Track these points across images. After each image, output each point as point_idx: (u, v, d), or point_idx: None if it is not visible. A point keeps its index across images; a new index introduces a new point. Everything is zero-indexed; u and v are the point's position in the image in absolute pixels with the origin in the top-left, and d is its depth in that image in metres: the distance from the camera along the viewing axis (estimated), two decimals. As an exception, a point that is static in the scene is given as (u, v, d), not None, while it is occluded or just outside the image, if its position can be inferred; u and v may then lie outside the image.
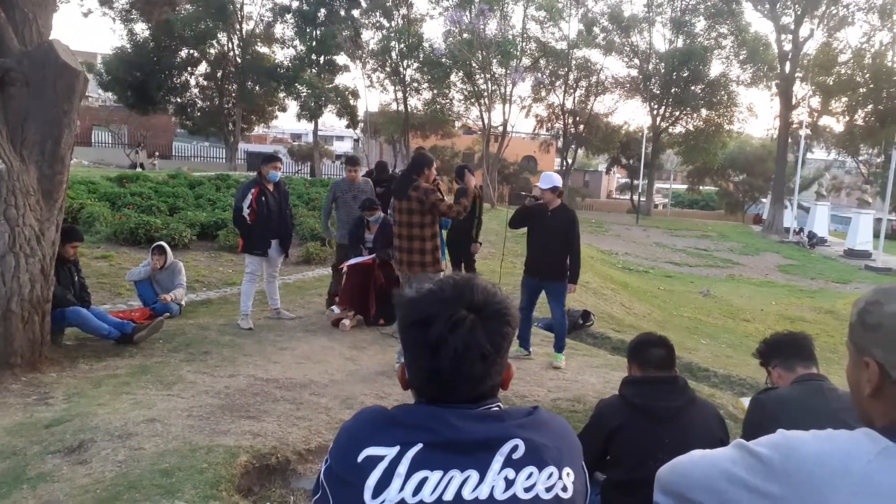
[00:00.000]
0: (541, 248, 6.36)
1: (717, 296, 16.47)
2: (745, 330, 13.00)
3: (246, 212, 7.08)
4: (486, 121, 36.68)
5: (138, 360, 5.74)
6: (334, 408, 4.78)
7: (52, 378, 5.17)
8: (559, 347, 6.61)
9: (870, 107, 34.19)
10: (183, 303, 7.75)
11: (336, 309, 7.74)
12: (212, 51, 38.57)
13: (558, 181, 6.43)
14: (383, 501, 1.15)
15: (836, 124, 38.42)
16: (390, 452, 1.18)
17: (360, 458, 1.18)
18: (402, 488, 1.15)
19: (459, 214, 5.98)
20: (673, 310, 14.06)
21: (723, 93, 39.15)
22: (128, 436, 3.94)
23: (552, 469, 1.21)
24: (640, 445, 2.74)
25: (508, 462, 1.19)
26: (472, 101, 37.53)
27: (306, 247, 11.82)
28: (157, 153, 40.37)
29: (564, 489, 1.22)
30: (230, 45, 38.61)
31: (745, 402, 3.32)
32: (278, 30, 39.57)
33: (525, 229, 6.60)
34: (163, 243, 7.94)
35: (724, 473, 1.23)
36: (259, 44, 39.49)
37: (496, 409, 1.27)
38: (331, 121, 48.04)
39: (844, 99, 35.07)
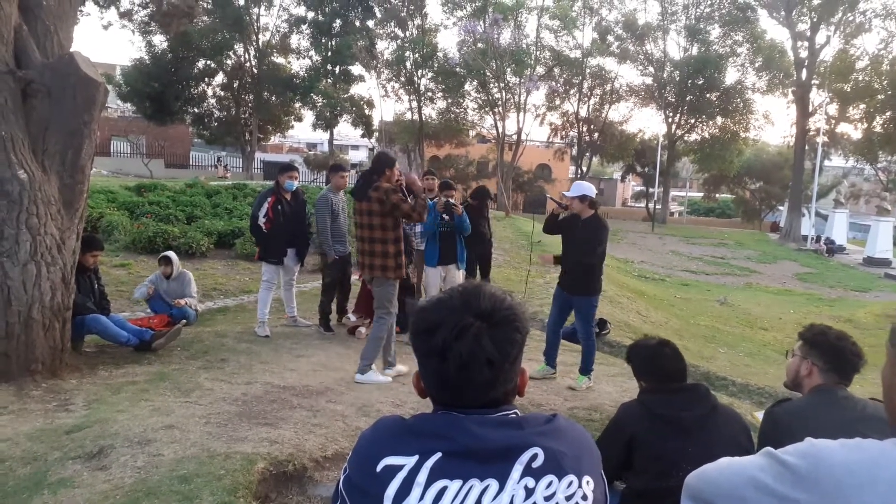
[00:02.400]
0: (570, 260, 6.07)
1: (734, 304, 16.37)
2: (763, 339, 12.91)
3: (262, 220, 7.15)
4: (500, 129, 36.79)
5: (157, 368, 5.78)
6: (351, 415, 4.79)
7: (72, 384, 5.22)
8: (584, 370, 6.16)
9: (888, 113, 33.96)
10: (198, 309, 7.82)
11: (352, 317, 7.77)
12: (228, 62, 38.94)
13: (589, 190, 6.00)
14: None
15: (853, 131, 38.20)
16: (409, 462, 1.18)
17: (378, 468, 1.19)
18: (421, 497, 1.15)
19: (422, 216, 5.80)
20: (690, 318, 13.98)
21: (738, 100, 39.07)
22: (147, 442, 3.97)
23: (572, 478, 1.21)
24: (663, 455, 2.70)
25: (528, 471, 1.19)
26: (487, 109, 37.68)
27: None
28: (228, 166, 40.73)
29: (584, 497, 1.22)
30: (247, 56, 38.99)
31: (760, 415, 3.25)
32: (294, 40, 40.02)
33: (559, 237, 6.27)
34: (168, 253, 8.01)
35: (751, 481, 1.22)
36: (275, 54, 39.84)
37: (514, 416, 1.27)
38: (346, 130, 48.30)
39: (862, 106, 34.86)
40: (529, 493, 1.17)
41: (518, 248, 13.93)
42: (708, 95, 39.07)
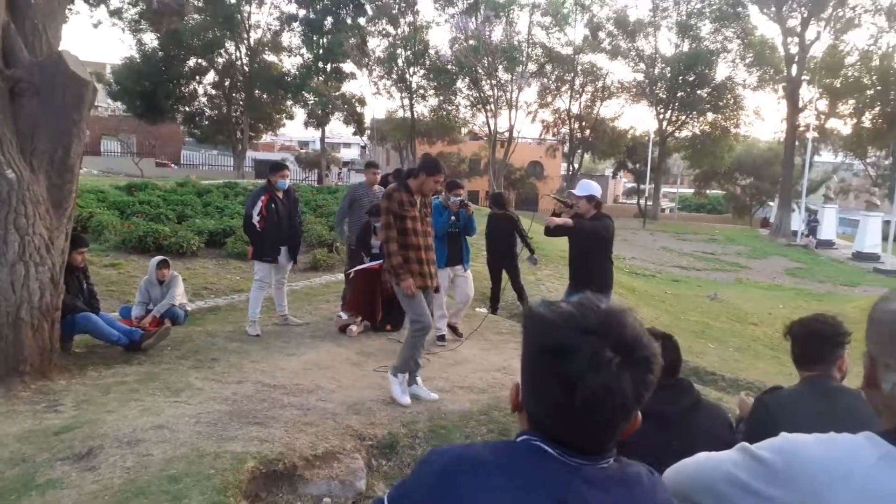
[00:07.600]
0: (580, 259, 6.11)
1: (724, 300, 16.42)
2: (752, 333, 12.96)
3: (256, 219, 7.13)
4: (492, 127, 36.82)
5: (146, 367, 5.78)
6: (341, 413, 4.79)
7: (61, 385, 5.22)
8: None
9: (877, 109, 34.09)
10: (188, 309, 7.76)
11: (343, 315, 7.77)
12: (220, 60, 38.79)
13: (596, 191, 6.04)
14: None
15: (843, 127, 38.25)
16: None
17: None
18: None
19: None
20: (680, 314, 14.02)
21: (729, 96, 39.18)
22: (136, 442, 3.97)
23: None
24: (648, 452, 2.71)
25: None
26: (478, 107, 37.68)
27: (314, 253, 11.87)
28: (339, 170, 40.48)
29: None
30: (238, 54, 38.84)
31: (746, 396, 3.31)
32: (285, 38, 39.83)
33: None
34: (166, 258, 7.95)
35: (726, 476, 1.23)
36: (266, 52, 39.70)
37: (616, 466, 1.14)
38: (338, 128, 48.30)
39: (852, 101, 34.95)
40: None
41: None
42: (699, 91, 39.12)
